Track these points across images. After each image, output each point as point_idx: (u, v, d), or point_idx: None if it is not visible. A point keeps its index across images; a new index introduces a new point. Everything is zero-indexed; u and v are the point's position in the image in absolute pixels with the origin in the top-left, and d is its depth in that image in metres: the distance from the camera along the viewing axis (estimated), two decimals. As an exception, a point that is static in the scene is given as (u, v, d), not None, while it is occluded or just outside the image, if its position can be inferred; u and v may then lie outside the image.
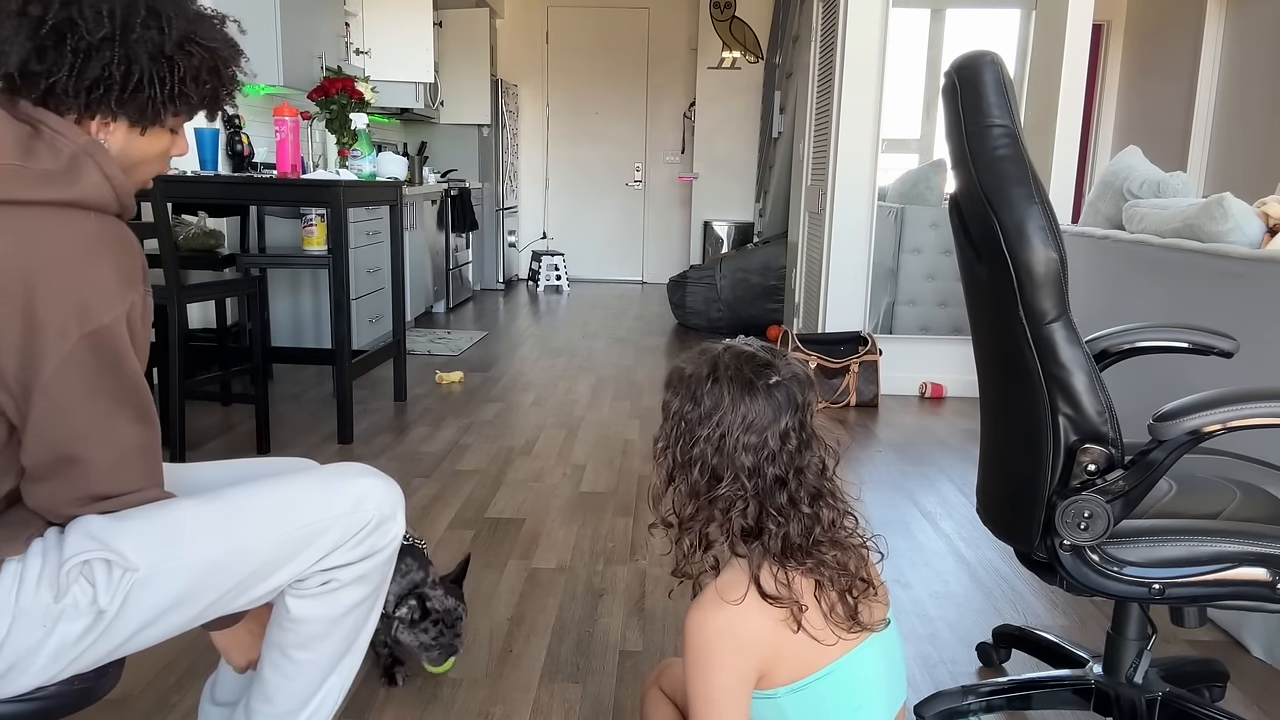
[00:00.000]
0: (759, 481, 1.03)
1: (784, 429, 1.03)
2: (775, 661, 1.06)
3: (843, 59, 4.10)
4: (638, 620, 2.04)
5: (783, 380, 1.04)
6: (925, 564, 2.40)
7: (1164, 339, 1.60)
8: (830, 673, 1.07)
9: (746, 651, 1.04)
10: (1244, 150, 5.16)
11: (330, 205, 3.22)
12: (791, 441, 1.04)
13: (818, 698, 1.08)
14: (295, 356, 4.12)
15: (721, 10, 7.86)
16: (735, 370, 1.05)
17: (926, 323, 4.60)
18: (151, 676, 1.76)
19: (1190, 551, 1.26)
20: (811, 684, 1.07)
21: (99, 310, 0.98)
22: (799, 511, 1.04)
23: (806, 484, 1.05)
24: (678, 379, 1.09)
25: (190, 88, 1.11)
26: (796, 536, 1.03)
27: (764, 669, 1.06)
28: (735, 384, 1.04)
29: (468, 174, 7.27)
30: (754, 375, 1.04)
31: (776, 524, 1.03)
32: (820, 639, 1.05)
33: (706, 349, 1.10)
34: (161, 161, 1.17)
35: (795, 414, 1.04)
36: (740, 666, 1.05)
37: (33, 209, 0.97)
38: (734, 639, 1.04)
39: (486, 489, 2.86)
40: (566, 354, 5.13)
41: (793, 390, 1.04)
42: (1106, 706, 1.53)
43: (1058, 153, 3.88)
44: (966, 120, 1.27)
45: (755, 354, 1.07)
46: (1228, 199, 2.22)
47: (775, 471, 1.03)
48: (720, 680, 1.05)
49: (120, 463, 1.04)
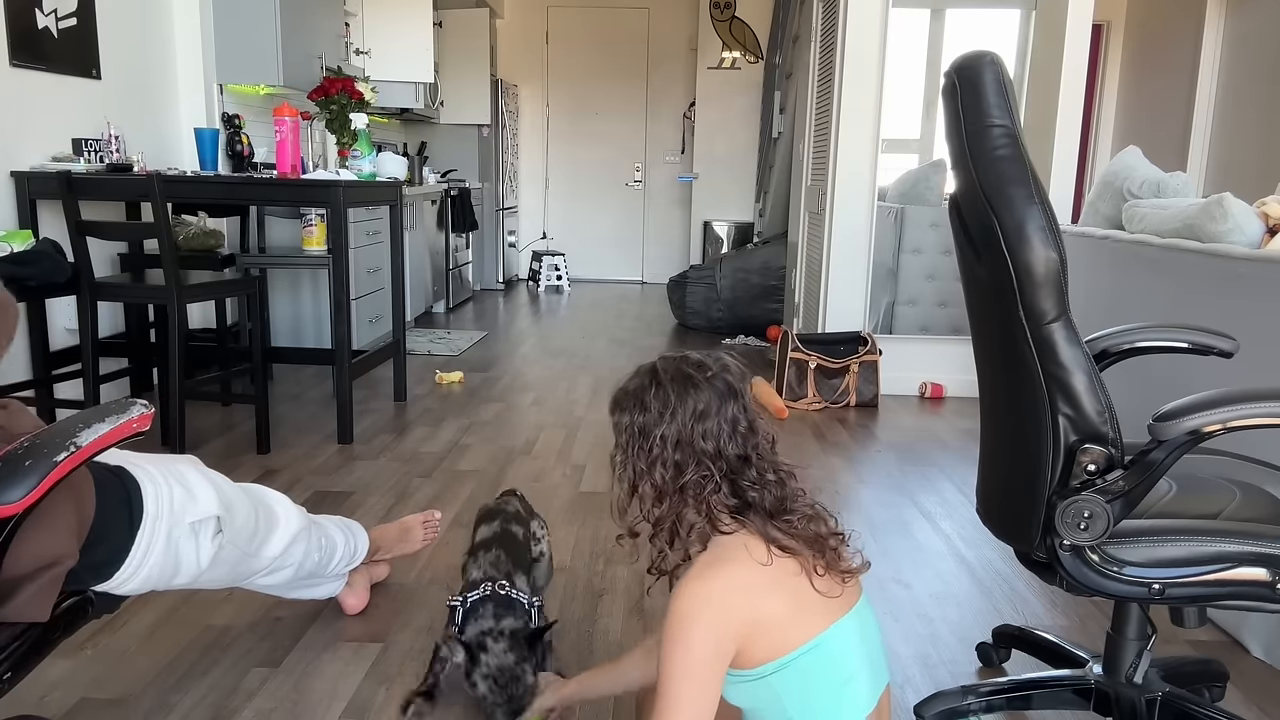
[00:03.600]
0: (723, 463, 1.12)
1: (731, 415, 1.13)
2: (754, 632, 1.10)
3: (843, 59, 4.10)
4: (638, 620, 2.04)
5: (717, 372, 1.15)
6: (925, 564, 2.40)
7: (1164, 339, 1.60)
8: (814, 647, 1.11)
9: (731, 618, 1.09)
10: (1244, 150, 5.16)
11: (330, 205, 3.22)
12: (742, 424, 1.14)
13: (804, 673, 1.11)
14: (295, 356, 4.12)
15: (721, 10, 7.86)
16: (675, 371, 1.15)
17: (926, 323, 4.60)
18: (151, 676, 1.76)
19: (1190, 551, 1.26)
20: (796, 659, 1.10)
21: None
22: (767, 480, 1.14)
23: (766, 459, 1.16)
24: (622, 397, 1.18)
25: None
26: (776, 497, 1.14)
27: (742, 641, 1.10)
28: (677, 382, 1.14)
29: (468, 174, 7.27)
30: (696, 369, 1.15)
31: (755, 491, 1.13)
32: (814, 602, 1.11)
33: (639, 367, 1.20)
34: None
35: (737, 400, 1.15)
36: (720, 635, 1.09)
37: None
38: (718, 605, 1.09)
39: (486, 489, 2.85)
40: (566, 354, 5.13)
41: (729, 379, 1.15)
42: (1106, 706, 1.53)
43: (1058, 153, 3.88)
44: (966, 120, 1.27)
45: (687, 355, 1.18)
46: (1228, 199, 2.22)
47: (735, 450, 1.13)
48: (699, 652, 1.09)
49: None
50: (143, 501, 1.33)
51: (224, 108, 4.28)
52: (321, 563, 1.84)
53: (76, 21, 3.47)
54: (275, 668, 1.81)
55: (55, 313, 3.27)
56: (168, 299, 2.85)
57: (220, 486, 1.50)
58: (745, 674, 1.13)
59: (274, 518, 1.69)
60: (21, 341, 3.15)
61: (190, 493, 1.41)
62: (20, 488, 1.02)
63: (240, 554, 1.58)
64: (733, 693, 1.16)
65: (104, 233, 3.11)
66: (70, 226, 2.88)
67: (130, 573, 1.31)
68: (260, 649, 1.88)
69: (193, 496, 1.41)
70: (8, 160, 3.15)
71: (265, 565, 1.67)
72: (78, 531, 1.22)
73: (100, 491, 1.27)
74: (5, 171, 3.14)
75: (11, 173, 3.15)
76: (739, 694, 1.16)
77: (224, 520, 1.48)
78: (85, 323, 2.94)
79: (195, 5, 4.16)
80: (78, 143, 3.39)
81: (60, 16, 3.38)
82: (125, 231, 3.46)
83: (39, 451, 1.04)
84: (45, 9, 3.30)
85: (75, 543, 1.21)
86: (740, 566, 1.11)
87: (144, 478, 1.35)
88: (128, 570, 1.31)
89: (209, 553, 1.44)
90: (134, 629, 1.93)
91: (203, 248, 3.63)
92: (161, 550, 1.34)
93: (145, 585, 1.35)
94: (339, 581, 1.98)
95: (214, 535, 1.45)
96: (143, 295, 3.20)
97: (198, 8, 4.17)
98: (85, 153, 3.36)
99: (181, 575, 1.42)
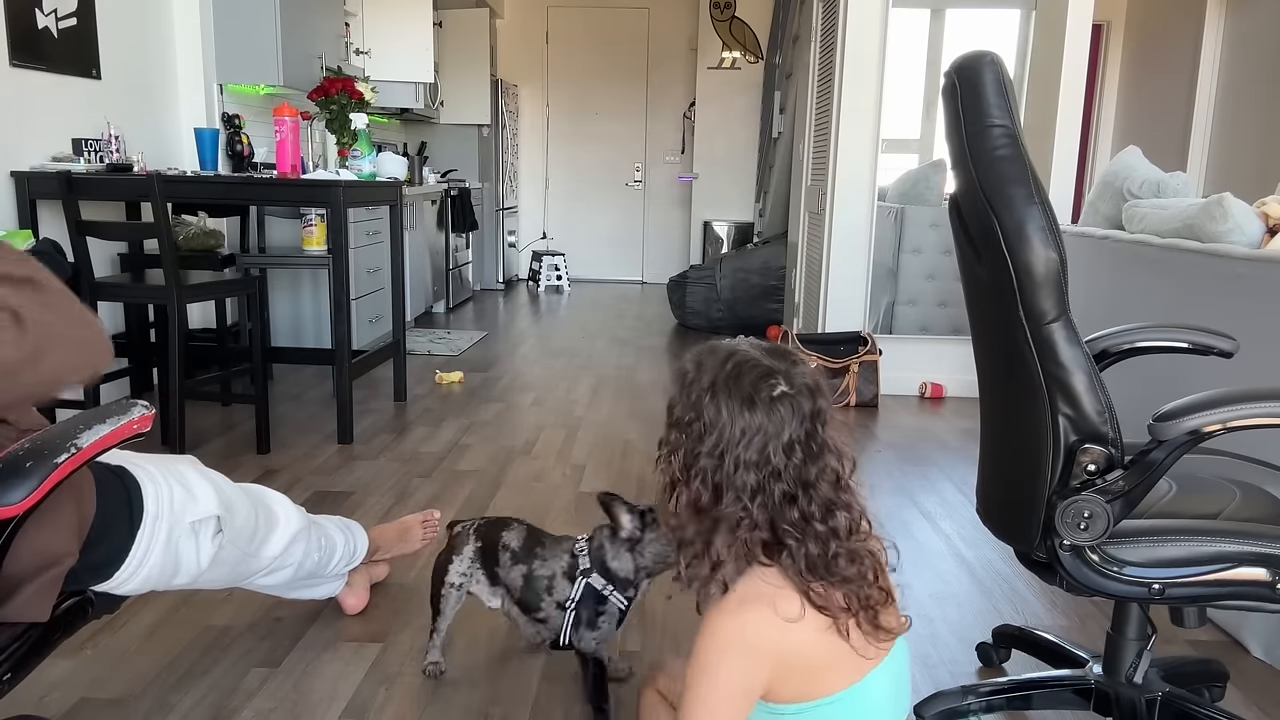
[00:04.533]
0: (765, 499, 0.99)
1: (788, 442, 0.98)
2: (783, 677, 1.04)
3: (843, 59, 4.10)
4: (637, 620, 2.04)
5: (787, 392, 0.99)
6: (925, 564, 2.40)
7: (1164, 339, 1.60)
8: (839, 700, 1.05)
9: (760, 661, 1.02)
10: (1244, 150, 5.15)
11: (330, 205, 3.22)
12: (797, 455, 0.99)
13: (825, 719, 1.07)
14: (295, 356, 4.12)
15: (721, 10, 7.86)
16: (735, 383, 1.00)
17: (926, 323, 4.60)
18: (151, 676, 1.76)
19: (1190, 551, 1.26)
20: (820, 707, 1.05)
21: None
22: (812, 527, 0.99)
23: (818, 498, 1.00)
24: (683, 381, 1.04)
25: None
26: (816, 553, 0.99)
27: (769, 684, 1.04)
28: (734, 398, 0.99)
29: (468, 174, 7.27)
30: (753, 388, 0.99)
31: (795, 539, 0.99)
32: (847, 655, 1.02)
33: (715, 348, 1.05)
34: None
35: (801, 424, 0.99)
36: (749, 676, 1.02)
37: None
38: (753, 646, 1.02)
39: (486, 489, 2.86)
40: (567, 354, 5.13)
41: (798, 401, 0.99)
42: (1106, 706, 1.53)
43: (1058, 153, 3.88)
44: (966, 120, 1.27)
45: (759, 362, 1.01)
46: (1228, 199, 2.22)
47: (783, 488, 0.99)
48: (727, 688, 1.02)
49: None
50: (143, 501, 1.33)
51: (224, 108, 4.29)
52: (321, 563, 1.84)
53: (76, 21, 3.47)
54: (275, 668, 1.81)
55: (55, 313, 3.27)
56: (168, 299, 2.85)
57: (220, 486, 1.51)
58: (762, 705, 1.07)
59: (274, 518, 1.69)
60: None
61: (190, 492, 1.41)
62: (21, 489, 1.02)
63: (240, 554, 1.58)
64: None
65: (104, 233, 3.11)
66: (70, 226, 2.88)
67: (130, 573, 1.31)
68: (260, 649, 1.88)
69: (193, 496, 1.42)
70: (8, 160, 3.15)
71: (265, 565, 1.68)
72: (78, 531, 1.22)
73: (101, 491, 1.27)
74: (5, 171, 3.14)
75: (11, 173, 3.15)
76: (754, 715, 1.13)
77: (224, 520, 1.48)
78: (85, 323, 2.93)
79: (195, 5, 4.17)
80: (78, 143, 3.39)
81: (60, 16, 3.38)
82: (125, 231, 3.46)
83: (39, 453, 1.04)
84: (45, 9, 3.30)
85: (76, 542, 1.21)
86: (773, 609, 1.01)
87: (144, 477, 1.35)
88: (128, 570, 1.31)
89: (209, 553, 1.44)
90: (134, 629, 1.94)
91: (203, 248, 3.63)
92: (161, 550, 1.34)
93: (145, 585, 1.35)
94: (338, 581, 1.98)
95: (214, 535, 1.45)
96: (143, 295, 3.20)
97: (198, 8, 4.17)
98: (85, 153, 3.36)
99: (181, 575, 1.42)
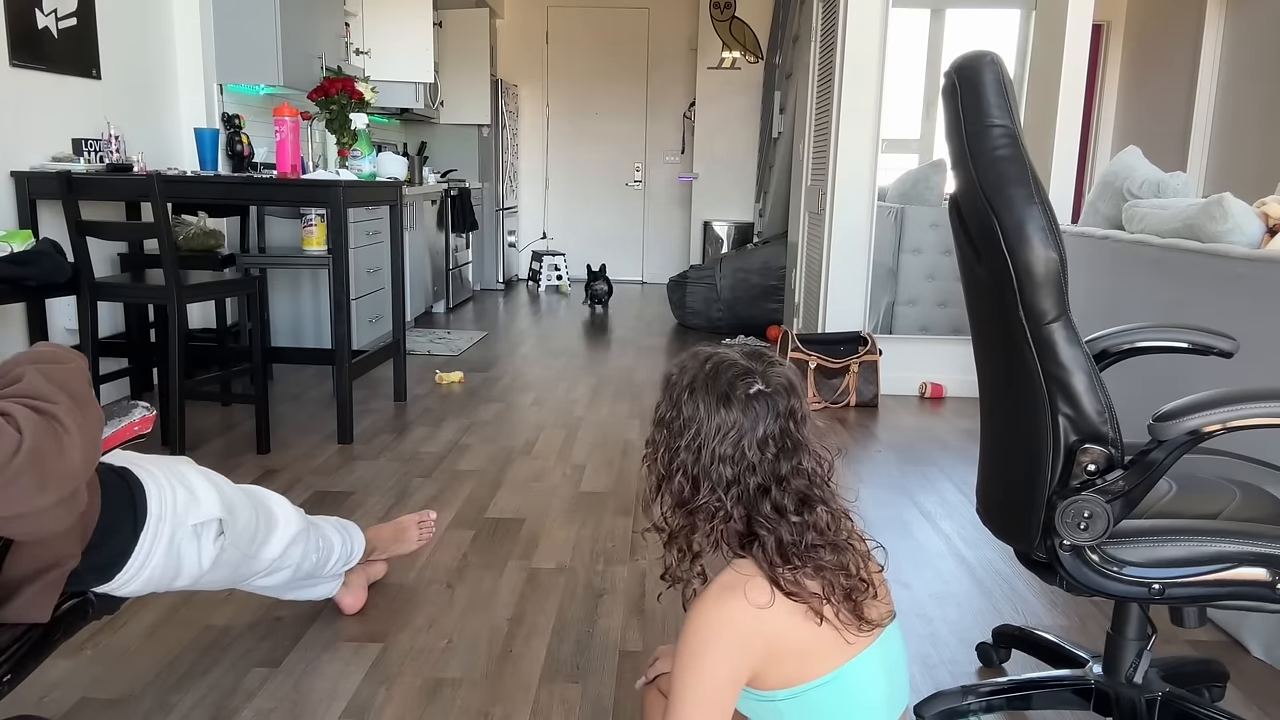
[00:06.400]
0: (740, 491, 1.03)
1: (762, 437, 1.03)
2: (770, 663, 1.06)
3: (843, 59, 4.10)
4: (637, 620, 2.04)
5: (763, 390, 1.04)
6: (925, 564, 2.40)
7: (1164, 339, 1.59)
8: (830, 681, 1.07)
9: (747, 648, 1.04)
10: (1244, 150, 5.15)
11: (330, 205, 3.22)
12: (770, 450, 1.03)
13: (814, 705, 1.08)
14: (295, 356, 4.12)
15: (721, 10, 7.86)
16: (713, 381, 1.04)
17: (926, 323, 4.60)
18: (151, 676, 1.76)
19: (1190, 551, 1.26)
20: (808, 691, 1.07)
21: None
22: (786, 519, 1.04)
23: (792, 491, 1.04)
24: (666, 384, 1.10)
25: None
26: (789, 542, 1.04)
27: (756, 670, 1.06)
28: (711, 394, 1.04)
29: (468, 174, 7.27)
30: (729, 386, 1.04)
31: (766, 530, 1.04)
32: (834, 638, 1.05)
33: (698, 353, 1.10)
34: None
35: (776, 421, 1.03)
36: (736, 663, 1.05)
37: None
38: (737, 633, 1.04)
39: (486, 489, 2.86)
40: (566, 354, 5.13)
41: (774, 399, 1.04)
42: (1106, 706, 1.53)
43: (1058, 153, 3.88)
44: (966, 120, 1.27)
45: (736, 361, 1.06)
46: (1228, 199, 2.22)
47: (757, 480, 1.03)
48: (714, 676, 1.04)
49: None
50: (147, 503, 1.33)
51: (224, 108, 4.28)
52: (319, 563, 1.84)
53: (76, 21, 3.47)
54: (275, 668, 1.81)
55: (55, 313, 3.27)
56: (168, 299, 2.85)
57: (222, 488, 1.51)
58: (754, 693, 1.10)
59: (273, 519, 1.69)
60: (21, 342, 3.15)
61: (193, 494, 1.42)
62: (20, 488, 1.02)
63: (241, 556, 1.58)
64: (739, 703, 1.14)
65: (104, 233, 3.11)
66: (70, 226, 2.87)
67: (132, 574, 1.31)
68: (260, 649, 1.88)
69: (196, 498, 1.42)
70: (8, 160, 3.15)
71: (264, 566, 1.68)
72: (80, 533, 1.22)
73: (105, 492, 1.27)
74: (5, 171, 3.14)
75: (11, 173, 3.15)
76: (744, 705, 1.13)
77: (226, 522, 1.48)
78: (85, 323, 2.94)
79: (195, 5, 4.17)
80: (78, 143, 3.40)
81: (60, 16, 3.38)
82: (125, 231, 3.46)
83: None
84: (45, 9, 3.30)
85: (77, 544, 1.21)
86: (744, 597, 1.05)
87: (148, 479, 1.35)
88: (130, 572, 1.31)
89: (211, 555, 1.44)
90: (134, 629, 1.94)
91: (203, 248, 3.63)
92: (164, 552, 1.34)
93: (147, 587, 1.35)
94: (336, 582, 1.98)
95: (216, 537, 1.45)
96: (143, 295, 3.20)
97: (198, 8, 4.17)
98: (85, 153, 3.36)
99: (183, 577, 1.42)
